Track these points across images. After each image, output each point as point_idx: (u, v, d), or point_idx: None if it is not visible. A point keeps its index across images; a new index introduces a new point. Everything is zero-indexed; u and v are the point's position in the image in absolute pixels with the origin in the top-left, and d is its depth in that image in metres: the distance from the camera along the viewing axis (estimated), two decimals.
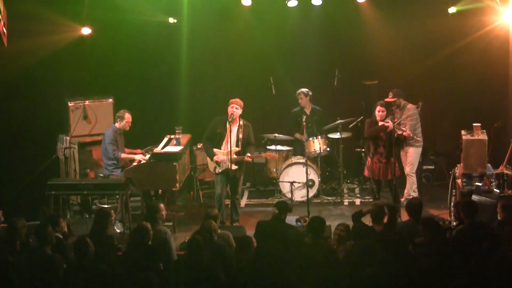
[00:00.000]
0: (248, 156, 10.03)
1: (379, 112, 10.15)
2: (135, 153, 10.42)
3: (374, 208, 8.13)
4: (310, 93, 11.71)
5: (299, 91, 11.75)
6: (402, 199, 10.65)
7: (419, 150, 10.93)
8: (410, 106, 10.81)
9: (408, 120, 10.66)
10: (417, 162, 10.98)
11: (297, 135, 11.63)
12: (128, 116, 10.33)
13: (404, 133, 10.44)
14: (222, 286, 6.61)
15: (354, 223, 8.08)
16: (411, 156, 10.80)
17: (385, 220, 8.08)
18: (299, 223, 9.32)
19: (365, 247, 6.67)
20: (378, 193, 10.26)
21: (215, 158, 10.02)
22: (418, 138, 10.74)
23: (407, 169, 10.82)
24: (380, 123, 10.10)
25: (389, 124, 10.09)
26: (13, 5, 10.57)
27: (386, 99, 10.47)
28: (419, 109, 11.10)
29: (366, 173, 10.36)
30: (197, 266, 6.77)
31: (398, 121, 10.47)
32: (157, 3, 11.86)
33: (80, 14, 11.47)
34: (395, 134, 10.30)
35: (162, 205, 8.30)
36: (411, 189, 10.92)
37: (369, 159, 10.26)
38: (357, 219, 8.17)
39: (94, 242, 7.17)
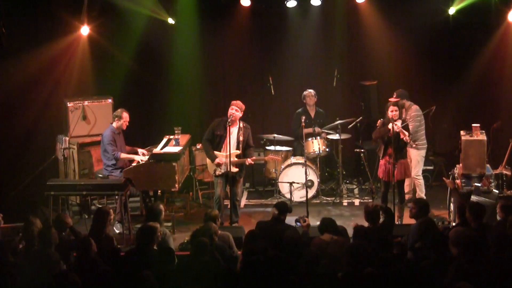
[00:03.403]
0: (250, 160, 10.01)
1: (392, 111, 9.88)
2: (136, 151, 10.41)
3: (367, 209, 8.15)
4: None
5: (309, 91, 11.70)
6: None
7: (422, 152, 10.67)
8: (414, 107, 10.60)
9: (410, 121, 10.37)
10: (422, 164, 10.73)
11: (306, 130, 10.98)
12: (125, 115, 10.28)
13: (403, 137, 9.81)
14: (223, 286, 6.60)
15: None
16: (414, 159, 10.55)
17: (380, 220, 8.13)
18: (298, 223, 9.30)
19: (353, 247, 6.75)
20: (386, 194, 10.11)
21: (217, 160, 9.96)
22: (414, 144, 10.52)
23: (412, 173, 10.45)
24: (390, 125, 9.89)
25: (391, 127, 9.82)
26: (12, 4, 10.58)
27: (390, 99, 10.33)
28: (430, 113, 10.97)
29: (380, 174, 10.22)
30: (201, 267, 6.78)
31: (405, 123, 10.05)
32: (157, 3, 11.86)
33: (80, 14, 11.46)
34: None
35: (162, 206, 8.32)
36: (421, 192, 10.65)
37: (381, 160, 10.16)
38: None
39: (94, 242, 7.19)
